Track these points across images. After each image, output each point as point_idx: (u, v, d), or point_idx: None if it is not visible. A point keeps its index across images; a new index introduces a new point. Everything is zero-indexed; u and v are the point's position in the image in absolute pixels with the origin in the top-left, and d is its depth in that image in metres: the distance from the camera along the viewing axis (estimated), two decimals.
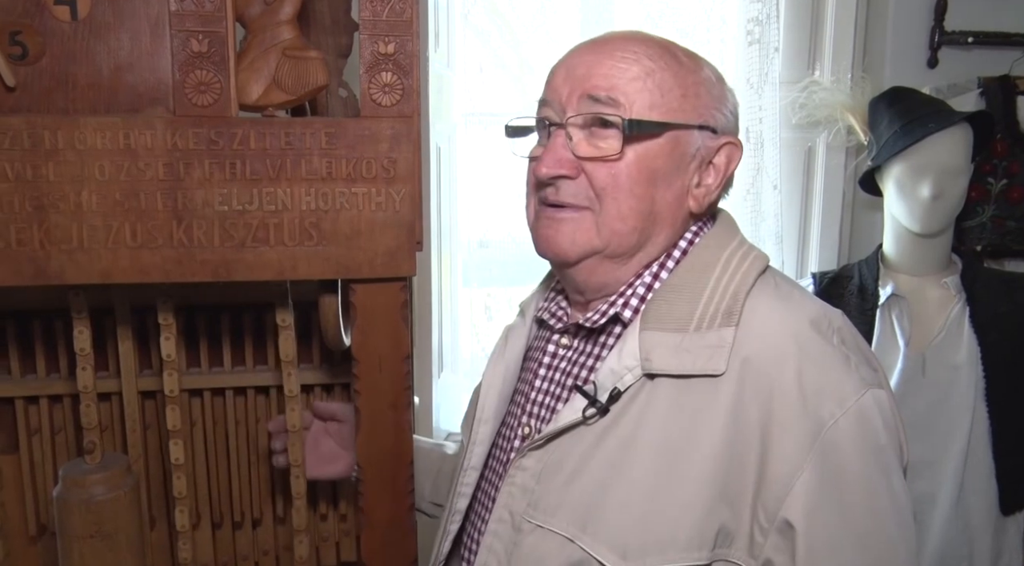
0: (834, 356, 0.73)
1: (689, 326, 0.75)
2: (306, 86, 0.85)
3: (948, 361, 1.53)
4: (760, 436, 0.71)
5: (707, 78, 0.81)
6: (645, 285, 0.80)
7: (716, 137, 0.80)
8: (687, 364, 0.73)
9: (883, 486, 0.72)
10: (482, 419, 0.89)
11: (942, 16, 1.83)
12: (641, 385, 0.75)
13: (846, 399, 0.71)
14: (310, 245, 0.83)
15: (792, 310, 0.76)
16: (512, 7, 1.92)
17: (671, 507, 0.72)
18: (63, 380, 1.02)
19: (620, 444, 0.75)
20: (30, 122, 0.78)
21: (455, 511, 0.90)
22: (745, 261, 0.79)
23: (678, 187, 0.80)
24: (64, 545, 0.89)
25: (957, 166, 1.54)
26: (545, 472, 0.78)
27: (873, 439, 0.72)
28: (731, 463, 0.71)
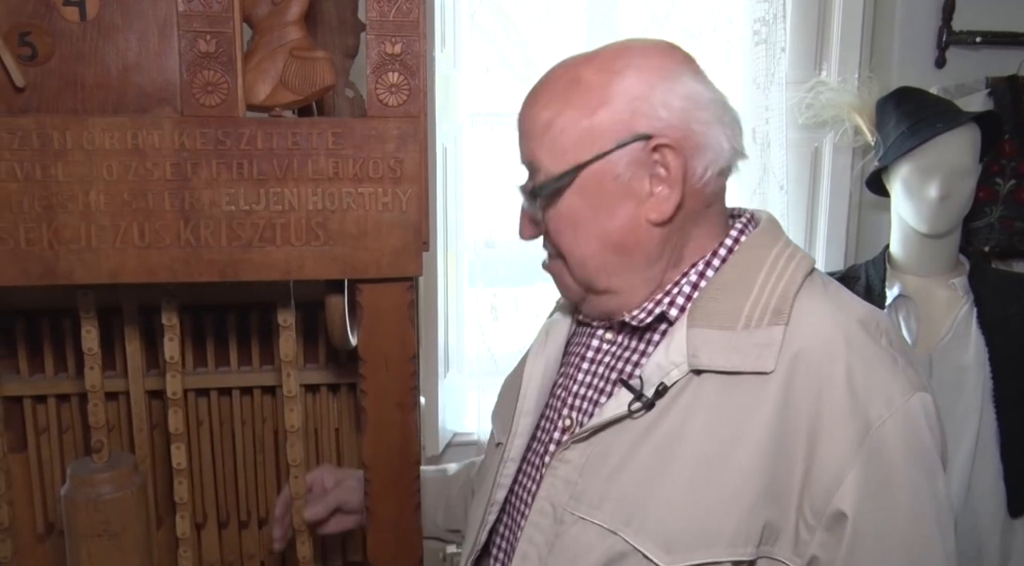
0: (882, 356, 0.74)
1: (737, 323, 0.75)
2: (313, 86, 0.85)
3: (955, 362, 1.53)
4: (808, 433, 0.71)
5: (624, 88, 0.76)
6: (691, 283, 0.80)
7: (647, 143, 0.76)
8: (736, 361, 0.73)
9: (927, 488, 0.72)
10: (523, 411, 0.89)
11: (950, 16, 1.83)
12: (687, 381, 0.75)
13: (894, 400, 0.71)
14: (317, 245, 0.83)
15: (841, 309, 0.76)
16: (518, 7, 1.92)
17: (717, 502, 0.72)
18: (71, 379, 1.02)
19: (666, 439, 0.75)
20: (39, 122, 0.78)
21: (493, 502, 0.90)
22: (792, 261, 0.79)
23: (626, 211, 0.77)
24: (71, 544, 0.89)
25: (965, 166, 1.54)
26: (589, 465, 0.78)
27: (919, 441, 0.72)
28: (778, 459, 0.71)
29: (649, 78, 0.76)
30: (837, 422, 0.71)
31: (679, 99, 0.76)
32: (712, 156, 0.77)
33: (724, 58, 1.88)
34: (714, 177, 0.78)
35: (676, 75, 0.77)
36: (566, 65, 0.81)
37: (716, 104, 0.78)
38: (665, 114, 0.75)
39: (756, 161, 1.81)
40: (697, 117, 0.76)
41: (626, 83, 0.76)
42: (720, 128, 0.77)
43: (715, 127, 0.77)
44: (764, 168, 1.82)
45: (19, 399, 1.02)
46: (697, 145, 0.76)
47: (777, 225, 0.85)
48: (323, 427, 1.12)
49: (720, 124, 0.77)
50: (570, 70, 0.80)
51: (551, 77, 0.82)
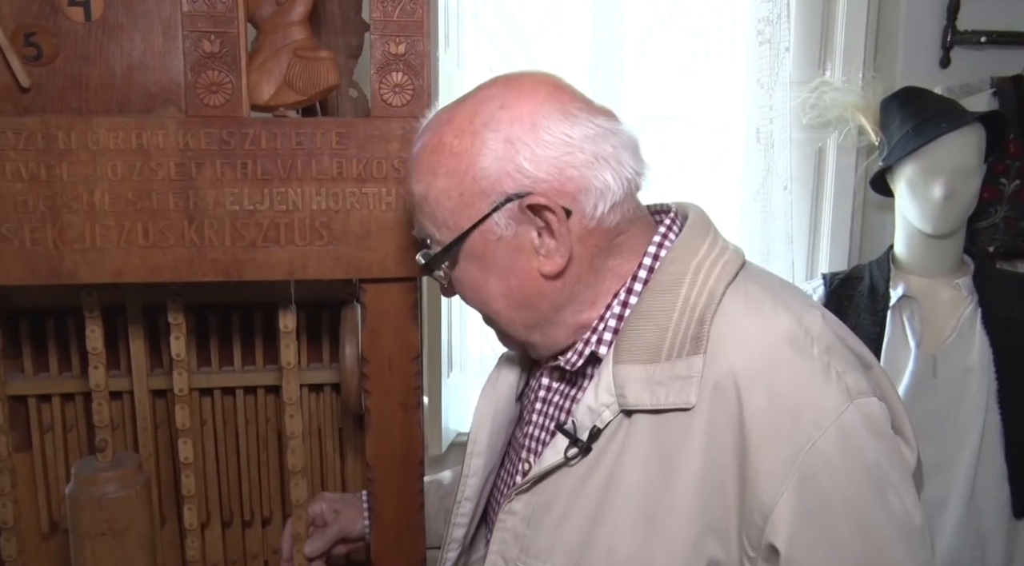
0: (811, 371, 0.69)
1: (660, 355, 0.72)
2: (317, 86, 0.85)
3: (960, 363, 1.52)
4: (737, 464, 0.69)
5: (487, 149, 0.72)
6: (615, 315, 0.77)
7: (520, 202, 0.72)
8: (660, 398, 0.71)
9: (877, 509, 0.67)
10: (474, 452, 0.88)
11: (954, 15, 1.82)
12: (620, 421, 0.73)
13: (824, 417, 0.67)
14: (320, 245, 0.83)
15: (763, 326, 0.72)
16: (521, 8, 1.92)
17: (658, 544, 0.70)
18: (75, 378, 1.03)
19: (603, 483, 0.73)
20: (44, 122, 0.78)
21: (452, 540, 0.89)
22: (715, 269, 0.74)
23: (520, 266, 0.75)
24: (76, 542, 0.89)
25: (969, 166, 1.53)
26: (535, 515, 0.77)
27: (859, 458, 0.67)
28: (712, 494, 0.69)
29: (508, 133, 0.72)
30: (764, 449, 0.67)
31: (546, 148, 0.72)
32: (598, 195, 0.73)
33: (728, 58, 1.88)
34: (607, 213, 0.74)
35: (538, 122, 0.72)
36: (430, 129, 0.77)
37: (592, 140, 0.73)
38: (532, 169, 0.72)
39: (760, 161, 1.81)
40: (570, 161, 0.72)
41: (487, 143, 0.72)
42: (601, 164, 0.73)
43: (593, 166, 0.73)
44: (768, 168, 1.82)
45: (24, 398, 1.03)
46: (577, 189, 0.72)
47: (703, 222, 0.80)
48: (327, 427, 1.12)
49: (599, 160, 0.73)
50: (433, 135, 0.76)
51: (420, 146, 0.78)
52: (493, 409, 0.88)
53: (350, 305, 0.97)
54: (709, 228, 0.79)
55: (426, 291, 1.69)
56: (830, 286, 1.69)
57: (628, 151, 0.75)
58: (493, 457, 0.89)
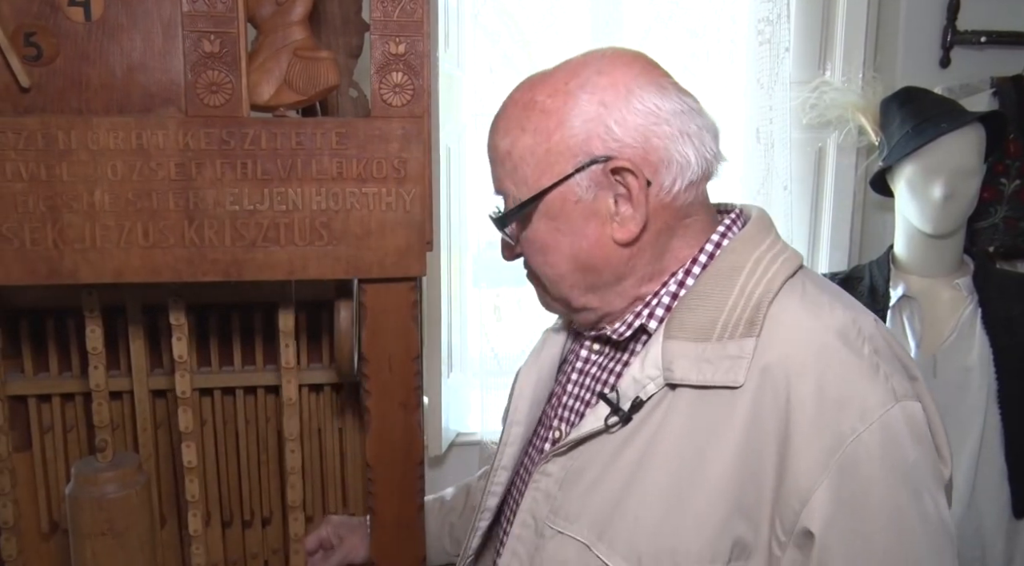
0: (860, 367, 0.70)
1: (712, 335, 0.73)
2: (317, 86, 0.85)
3: (960, 363, 1.52)
4: (777, 449, 0.69)
5: (578, 110, 0.74)
6: (670, 294, 0.79)
7: (604, 165, 0.74)
8: (707, 375, 0.72)
9: (911, 507, 0.69)
10: (514, 421, 0.90)
11: (955, 15, 1.82)
12: (663, 395, 0.74)
13: (870, 413, 0.68)
14: (320, 245, 0.83)
15: (818, 318, 0.73)
16: (521, 7, 1.92)
17: (685, 519, 0.71)
18: (75, 378, 1.03)
19: (639, 453, 0.74)
20: (44, 122, 0.78)
21: (485, 509, 0.91)
22: (774, 264, 0.76)
23: (592, 231, 0.77)
24: (76, 543, 0.89)
25: (969, 166, 1.53)
26: (568, 479, 0.78)
27: (899, 456, 0.69)
28: (747, 476, 0.70)
29: (603, 97, 0.74)
30: (807, 437, 0.68)
31: (636, 116, 0.74)
32: (678, 170, 0.75)
33: (728, 58, 1.88)
34: (683, 190, 0.76)
35: (633, 90, 0.74)
36: (522, 87, 0.80)
37: (679, 115, 0.75)
38: (620, 133, 0.74)
39: (760, 161, 1.81)
40: (656, 132, 0.74)
41: (580, 104, 0.75)
42: (685, 140, 0.75)
43: (678, 141, 0.74)
44: (768, 168, 1.82)
45: (24, 398, 1.03)
46: (659, 161, 0.74)
47: (765, 222, 0.82)
48: (327, 427, 1.12)
49: (684, 136, 0.74)
50: (525, 93, 0.78)
51: (509, 103, 0.80)
52: (536, 378, 0.90)
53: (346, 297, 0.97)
54: (771, 228, 0.81)
55: (426, 291, 1.69)
56: None
57: (711, 134, 0.77)
58: (530, 427, 0.90)
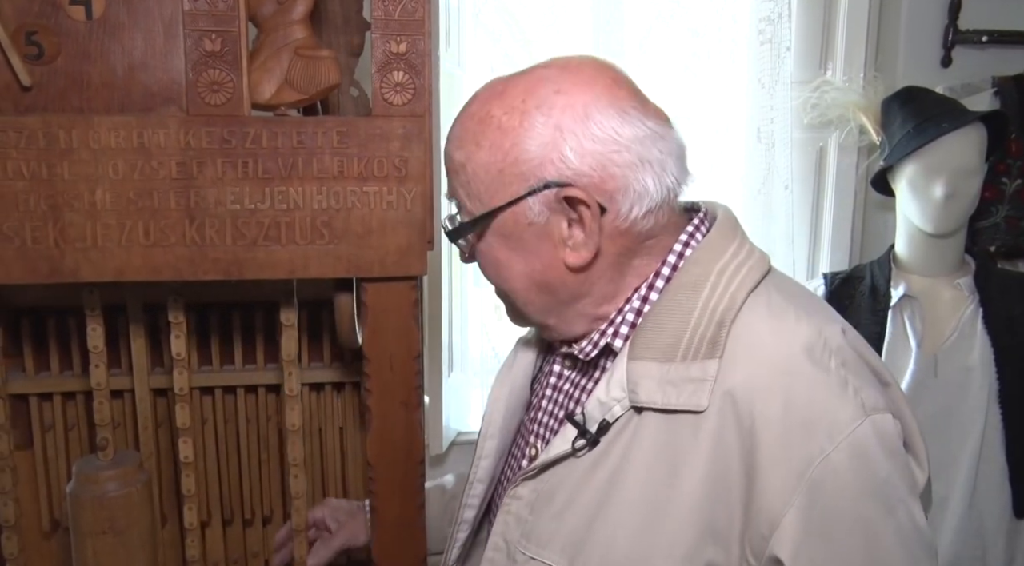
0: (828, 384, 0.69)
1: (676, 355, 0.71)
2: (318, 85, 0.85)
3: (961, 363, 1.52)
4: (745, 472, 0.68)
5: (534, 132, 0.72)
6: (634, 310, 0.77)
7: (557, 191, 0.73)
8: (672, 398, 0.71)
9: (884, 523, 0.67)
10: (487, 434, 0.89)
11: (956, 15, 1.82)
12: (630, 417, 0.74)
13: (838, 432, 0.66)
14: (321, 244, 0.83)
15: (782, 335, 0.71)
16: (523, 6, 1.92)
17: (656, 542, 0.70)
18: (76, 377, 1.03)
19: (608, 477, 0.73)
20: (45, 121, 0.78)
21: (462, 521, 0.90)
22: (738, 274, 0.74)
23: (546, 252, 0.75)
24: (77, 541, 0.89)
25: (971, 166, 1.53)
26: (538, 502, 0.78)
27: (869, 473, 0.67)
28: (715, 499, 0.69)
29: (560, 120, 0.72)
30: (775, 460, 0.67)
31: (593, 142, 0.71)
32: (635, 197, 0.72)
33: (729, 57, 1.88)
34: (640, 217, 0.74)
35: (591, 114, 0.72)
36: (480, 99, 0.78)
37: (640, 142, 0.72)
38: (576, 161, 0.71)
39: (761, 161, 1.81)
40: (615, 160, 0.71)
41: (536, 126, 0.72)
42: (644, 168, 0.72)
43: (637, 169, 0.72)
44: (768, 168, 1.81)
45: (25, 397, 1.03)
46: (616, 188, 0.72)
47: (730, 224, 0.79)
48: (327, 426, 1.12)
49: (644, 164, 0.72)
50: (483, 106, 0.76)
51: (465, 114, 0.79)
52: (508, 391, 0.89)
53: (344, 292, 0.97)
54: (736, 231, 0.78)
55: (427, 290, 1.69)
56: (831, 286, 1.69)
57: (674, 158, 0.74)
58: (506, 440, 0.90)
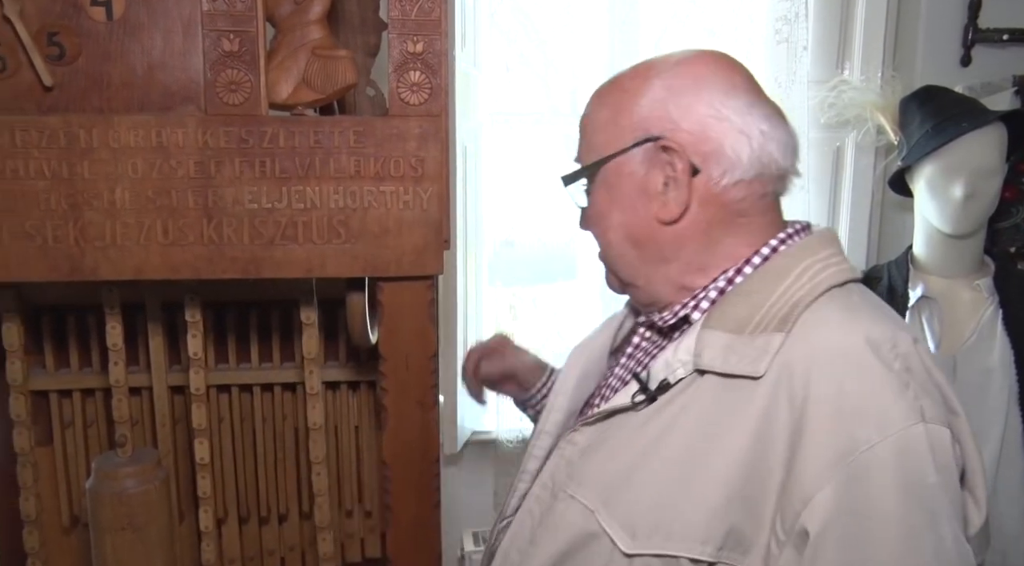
0: (887, 379, 0.69)
1: (746, 329, 0.75)
2: (335, 85, 0.86)
3: (980, 364, 1.51)
4: (788, 445, 0.69)
5: (650, 93, 0.79)
6: (718, 289, 0.80)
7: (657, 143, 0.78)
8: (732, 363, 0.73)
9: (927, 532, 0.66)
10: (559, 390, 0.93)
11: (976, 13, 1.80)
12: (692, 380, 0.77)
13: (889, 426, 0.66)
14: (338, 243, 0.83)
15: (851, 324, 0.73)
16: (538, 7, 1.91)
17: (686, 498, 0.72)
18: (96, 374, 1.04)
19: (658, 432, 0.76)
20: (66, 121, 0.79)
21: (525, 471, 0.92)
22: (823, 272, 0.76)
23: (641, 206, 0.80)
24: (96, 536, 0.90)
25: (991, 166, 1.51)
26: (590, 448, 0.81)
27: (917, 475, 0.66)
28: (753, 466, 0.70)
29: (674, 84, 0.79)
30: (820, 438, 0.67)
31: (701, 105, 0.77)
32: (728, 164, 0.76)
33: (745, 57, 1.85)
34: (731, 185, 0.77)
35: (701, 83, 0.78)
36: (618, 73, 0.85)
37: (742, 115, 0.77)
38: (679, 118, 0.77)
39: None
40: (714, 126, 0.77)
41: (652, 87, 0.79)
42: (741, 139, 0.76)
43: (734, 138, 0.76)
44: None
45: (46, 393, 1.04)
46: (711, 151, 0.77)
47: (829, 239, 0.82)
48: (343, 424, 1.12)
49: (741, 135, 0.76)
50: (618, 77, 0.84)
51: (601, 85, 0.86)
52: (586, 357, 0.94)
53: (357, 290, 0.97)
54: (834, 243, 0.82)
55: (442, 290, 1.69)
56: None
57: (776, 143, 0.78)
58: (576, 402, 0.93)
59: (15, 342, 0.95)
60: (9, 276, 0.81)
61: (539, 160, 1.92)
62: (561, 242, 1.94)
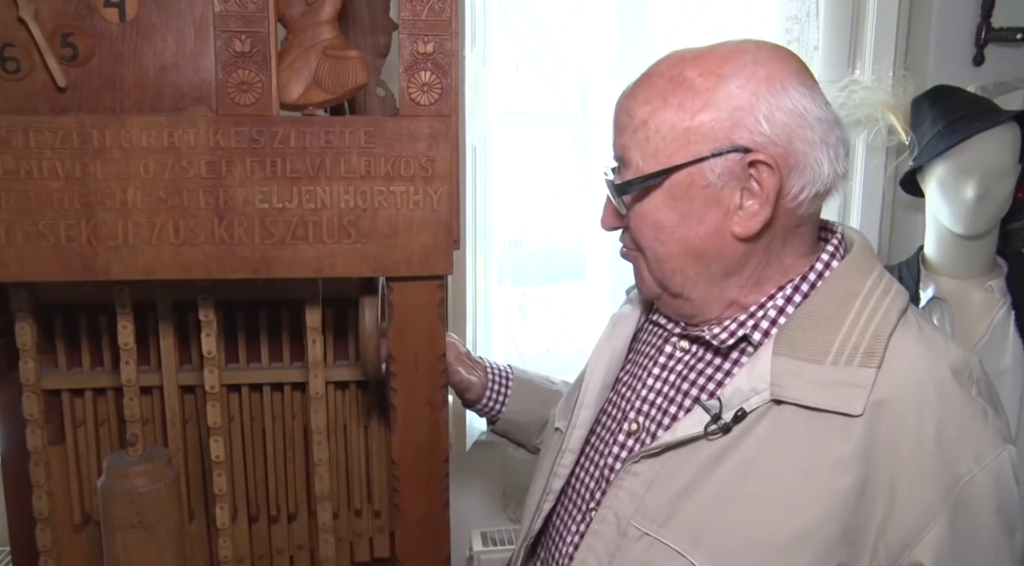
0: (974, 409, 0.72)
1: (826, 358, 0.72)
2: (346, 85, 0.86)
3: (992, 366, 1.49)
4: (890, 481, 0.70)
5: (728, 95, 0.73)
6: (777, 308, 0.78)
7: (744, 157, 0.73)
8: (821, 397, 0.71)
9: (1006, 544, 0.72)
10: (583, 404, 0.89)
11: (989, 12, 1.79)
12: (767, 409, 0.74)
13: (984, 455, 0.71)
14: (348, 243, 0.84)
15: (935, 356, 0.73)
16: (547, 7, 1.91)
17: (789, 538, 0.71)
18: (107, 373, 1.04)
19: (740, 465, 0.73)
20: (79, 121, 0.80)
21: (549, 491, 0.90)
22: (887, 296, 0.76)
23: (712, 219, 0.75)
24: (107, 535, 0.91)
25: (1003, 166, 1.50)
26: (657, 481, 0.77)
27: (1008, 497, 0.72)
28: (856, 503, 0.70)
29: (756, 88, 0.73)
30: (923, 473, 0.70)
31: (784, 114, 0.72)
32: (810, 177, 0.74)
33: None
34: (809, 199, 0.75)
35: (787, 88, 0.73)
36: (671, 61, 0.78)
37: (824, 123, 0.74)
38: (767, 128, 0.72)
39: None
40: (801, 135, 0.73)
41: (731, 89, 0.73)
42: (823, 149, 0.74)
43: (818, 148, 0.73)
44: None
45: (58, 392, 1.05)
46: (796, 164, 0.73)
47: (870, 250, 0.82)
48: (352, 424, 1.12)
49: (824, 145, 0.74)
50: (676, 67, 0.76)
51: (654, 72, 0.78)
52: (607, 363, 0.90)
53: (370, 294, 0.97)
54: (875, 259, 0.81)
55: (451, 290, 1.70)
56: None
57: (843, 150, 0.76)
58: (596, 410, 0.90)
59: (28, 341, 0.95)
60: (23, 275, 0.81)
61: (548, 160, 1.92)
62: (570, 242, 1.94)
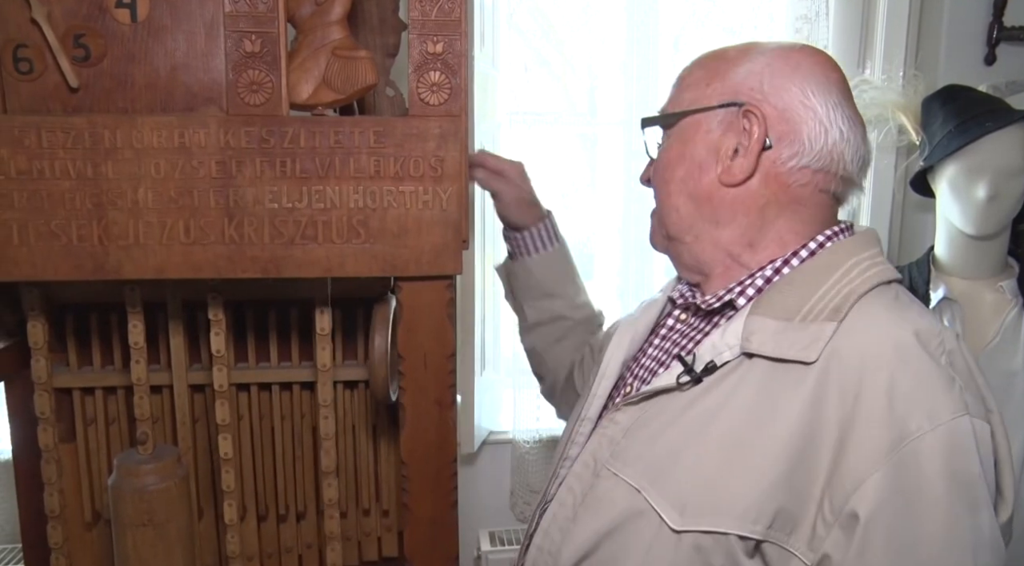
0: (935, 373, 0.72)
1: (796, 316, 0.77)
2: (355, 85, 0.86)
3: (1003, 367, 1.49)
4: (839, 431, 0.71)
5: (748, 65, 0.82)
6: (764, 278, 0.83)
7: (741, 109, 0.81)
8: (783, 348, 0.75)
9: (965, 519, 0.69)
10: (604, 374, 0.94)
11: (1001, 11, 1.78)
12: (739, 363, 0.78)
13: (939, 415, 0.69)
14: (358, 243, 0.84)
15: (901, 318, 0.75)
16: (556, 7, 1.91)
17: (736, 478, 0.74)
18: (117, 372, 1.05)
19: (705, 413, 0.78)
20: (91, 121, 0.80)
21: (567, 457, 0.93)
22: (871, 269, 0.79)
23: (708, 165, 0.83)
24: (118, 532, 0.91)
25: (1015, 166, 1.49)
26: (633, 428, 0.82)
27: (962, 466, 0.69)
28: (803, 449, 0.72)
29: (774, 65, 0.82)
30: (871, 426, 0.70)
31: (793, 89, 0.80)
32: (799, 148, 0.80)
33: None
34: (796, 168, 0.80)
35: (800, 71, 0.81)
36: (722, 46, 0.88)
37: (827, 109, 0.80)
38: (769, 93, 0.80)
39: None
40: (799, 111, 0.80)
41: (754, 62, 0.82)
42: (822, 131, 0.80)
43: (816, 127, 0.80)
44: None
45: (69, 391, 1.05)
46: (787, 132, 0.80)
47: (872, 238, 0.86)
48: (360, 424, 1.13)
49: (823, 128, 0.80)
50: (723, 47, 0.87)
51: (704, 53, 0.89)
52: (629, 340, 0.95)
53: (382, 300, 0.98)
54: (877, 243, 0.85)
55: (460, 289, 1.70)
56: None
57: (850, 147, 0.82)
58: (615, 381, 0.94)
59: (40, 340, 0.96)
60: (35, 275, 0.82)
61: (557, 160, 1.92)
62: (578, 242, 1.94)
